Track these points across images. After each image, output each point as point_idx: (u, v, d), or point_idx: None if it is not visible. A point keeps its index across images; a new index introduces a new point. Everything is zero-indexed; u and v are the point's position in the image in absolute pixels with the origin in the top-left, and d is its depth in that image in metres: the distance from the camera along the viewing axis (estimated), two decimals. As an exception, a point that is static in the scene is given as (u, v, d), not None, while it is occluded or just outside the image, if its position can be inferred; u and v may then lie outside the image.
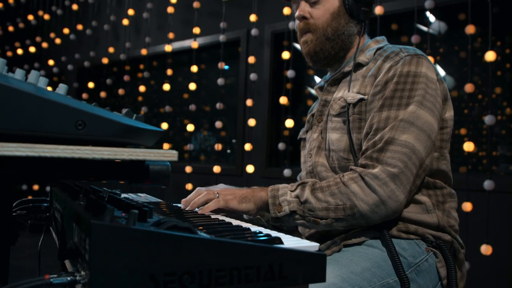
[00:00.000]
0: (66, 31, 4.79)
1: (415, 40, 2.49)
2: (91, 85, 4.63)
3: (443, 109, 1.16)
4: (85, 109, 0.58)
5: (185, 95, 4.27)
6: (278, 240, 0.62)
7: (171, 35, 3.89)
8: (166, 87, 3.84)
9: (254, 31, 3.27)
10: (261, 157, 3.51)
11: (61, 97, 0.58)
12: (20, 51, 5.30)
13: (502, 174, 2.64)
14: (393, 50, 1.18)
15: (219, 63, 3.46)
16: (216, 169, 3.42)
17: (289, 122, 3.04)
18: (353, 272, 0.98)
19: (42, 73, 0.67)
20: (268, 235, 0.64)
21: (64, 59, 4.82)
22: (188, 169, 3.55)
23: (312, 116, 1.34)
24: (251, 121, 3.30)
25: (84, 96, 4.63)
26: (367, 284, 0.98)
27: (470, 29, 2.35)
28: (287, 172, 2.98)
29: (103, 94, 4.45)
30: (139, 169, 0.72)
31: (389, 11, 2.80)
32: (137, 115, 0.68)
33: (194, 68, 3.62)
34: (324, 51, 1.25)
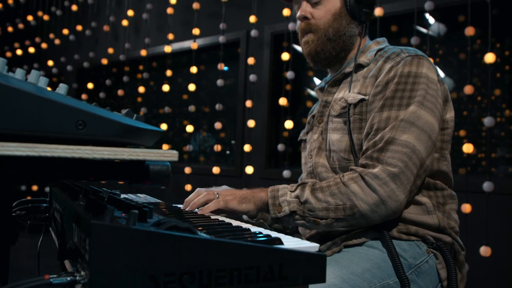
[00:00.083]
0: (66, 32, 4.79)
1: (415, 42, 2.49)
2: (91, 86, 4.63)
3: (444, 110, 1.16)
4: (86, 109, 0.58)
5: (185, 96, 4.27)
6: (278, 241, 0.62)
7: (171, 36, 3.89)
8: (166, 88, 3.84)
9: (254, 32, 3.27)
10: (261, 158, 3.51)
11: (62, 97, 0.58)
12: (20, 52, 5.29)
13: (501, 176, 2.64)
14: (394, 51, 1.18)
15: (219, 64, 3.45)
16: (216, 170, 3.42)
17: (289, 123, 3.04)
18: (353, 273, 0.98)
19: (42, 74, 0.67)
20: (268, 236, 0.64)
21: (64, 60, 4.82)
22: (188, 170, 3.55)
23: (313, 117, 1.34)
24: (251, 122, 3.30)
25: (84, 97, 4.63)
26: (367, 285, 0.98)
27: (470, 31, 2.35)
28: (287, 173, 2.98)
29: (103, 95, 4.45)
30: (139, 169, 0.72)
31: (389, 13, 2.80)
32: (137, 115, 0.68)
33: (194, 69, 3.61)
34: (325, 52, 1.25)
